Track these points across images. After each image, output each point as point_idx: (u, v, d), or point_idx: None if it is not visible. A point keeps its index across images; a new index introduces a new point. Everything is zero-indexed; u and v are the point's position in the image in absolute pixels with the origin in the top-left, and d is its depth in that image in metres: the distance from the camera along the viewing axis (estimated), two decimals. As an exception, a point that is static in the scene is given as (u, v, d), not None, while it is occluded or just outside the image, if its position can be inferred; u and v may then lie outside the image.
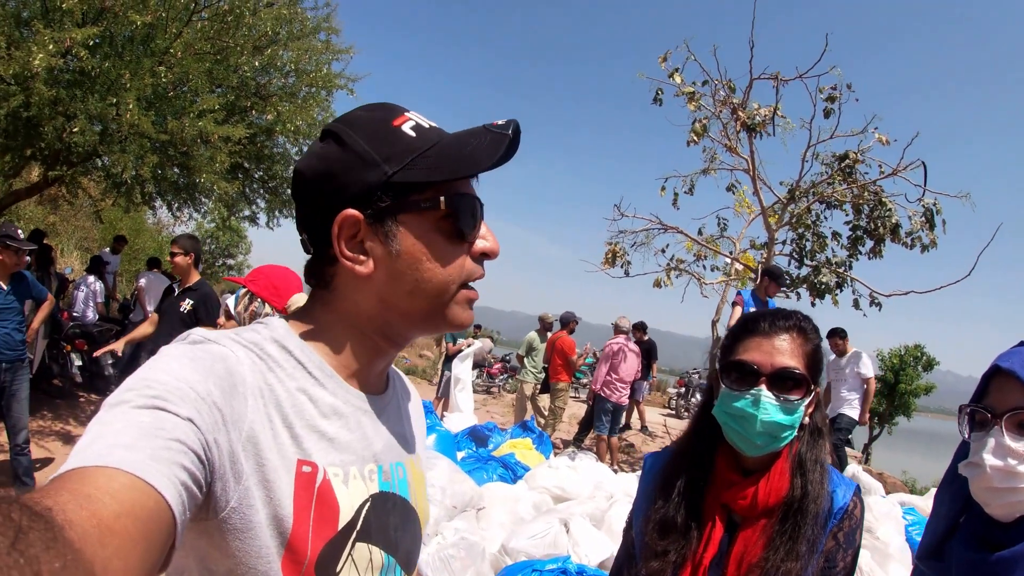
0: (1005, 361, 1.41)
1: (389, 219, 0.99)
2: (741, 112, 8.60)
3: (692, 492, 1.64)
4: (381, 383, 1.16)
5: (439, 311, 1.03)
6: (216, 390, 0.84)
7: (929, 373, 19.43)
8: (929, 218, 8.52)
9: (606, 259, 11.27)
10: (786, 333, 1.58)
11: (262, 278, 3.00)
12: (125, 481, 0.67)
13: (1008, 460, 1.33)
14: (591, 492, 6.17)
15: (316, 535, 0.93)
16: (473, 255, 1.04)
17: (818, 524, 1.54)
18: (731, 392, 1.57)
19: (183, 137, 7.12)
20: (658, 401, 22.96)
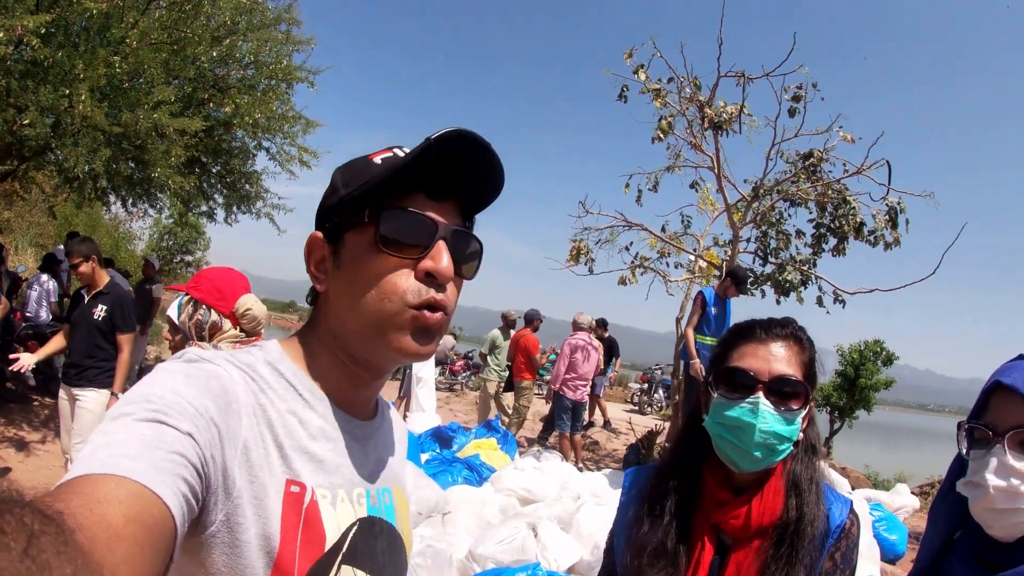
0: (1007, 377, 1.36)
1: (339, 238, 1.05)
2: (708, 110, 8.59)
3: (680, 513, 1.56)
4: (369, 409, 1.17)
5: (379, 331, 1.00)
6: (213, 406, 0.86)
7: (888, 368, 19.78)
8: (893, 217, 8.59)
9: (571, 256, 11.22)
10: (783, 340, 1.51)
11: (205, 283, 2.83)
12: (132, 489, 0.69)
13: (1012, 480, 1.29)
14: (558, 493, 6.18)
15: (303, 556, 0.94)
16: (418, 274, 1.00)
17: (815, 547, 1.47)
18: (726, 401, 1.49)
19: (137, 130, 6.93)
20: (620, 396, 23.12)
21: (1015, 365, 1.39)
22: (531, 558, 4.30)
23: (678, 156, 10.19)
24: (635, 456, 10.01)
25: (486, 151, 1.01)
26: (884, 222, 8.68)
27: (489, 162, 1.04)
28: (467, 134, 0.98)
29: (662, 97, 8.98)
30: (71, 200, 10.01)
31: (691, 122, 9.19)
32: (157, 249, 33.81)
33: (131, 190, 9.29)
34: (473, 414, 13.27)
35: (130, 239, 27.15)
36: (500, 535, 4.54)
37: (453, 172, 1.02)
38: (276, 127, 9.49)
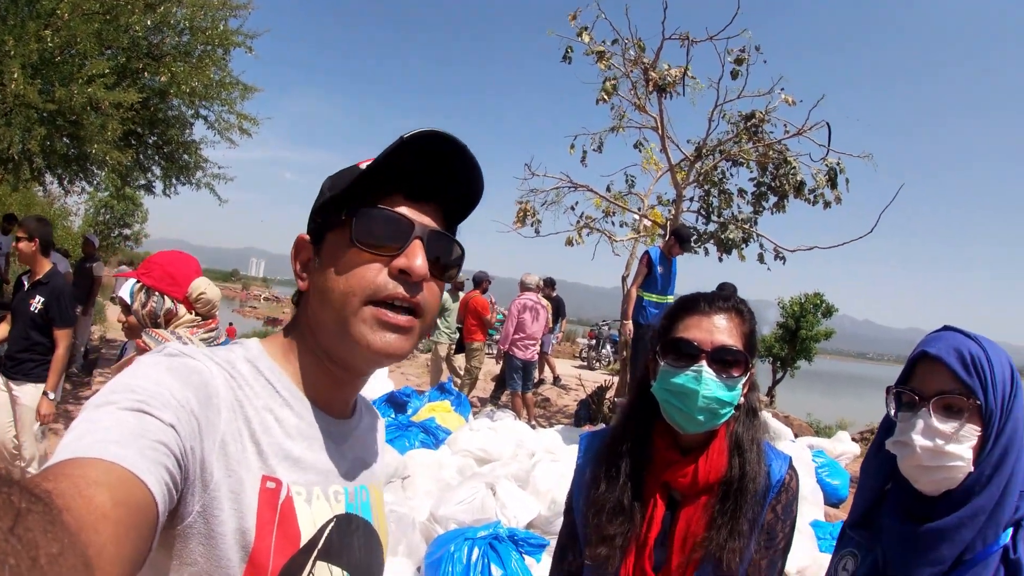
0: (931, 347, 1.50)
1: (321, 238, 1.07)
2: (652, 72, 8.66)
3: (633, 474, 1.67)
4: (347, 408, 1.18)
5: (345, 327, 1.00)
6: (194, 399, 0.88)
7: (828, 319, 20.38)
8: (832, 177, 8.84)
9: (517, 218, 11.27)
10: (724, 313, 1.63)
11: (156, 268, 2.75)
12: (120, 474, 0.70)
13: (936, 440, 1.42)
14: (513, 452, 6.30)
15: (278, 551, 0.95)
16: (391, 271, 1.02)
17: (757, 502, 1.61)
18: (672, 369, 1.60)
19: (72, 106, 6.70)
20: (569, 352, 23.35)
21: (939, 336, 1.53)
22: (491, 517, 4.41)
23: (622, 117, 10.24)
24: (585, 411, 10.20)
25: (460, 152, 1.03)
26: (824, 181, 8.93)
27: (465, 163, 1.05)
28: (440, 134, 1.00)
29: (606, 59, 9.02)
30: (6, 182, 9.63)
31: (635, 84, 9.25)
32: (94, 224, 32.73)
33: (67, 168, 8.99)
34: (425, 377, 13.33)
35: (65, 215, 26.23)
36: (459, 496, 4.64)
37: (430, 173, 1.04)
38: (213, 94, 9.22)
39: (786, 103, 8.87)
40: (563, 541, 1.83)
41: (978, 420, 1.42)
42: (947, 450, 1.41)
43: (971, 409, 1.42)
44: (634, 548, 1.62)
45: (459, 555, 3.74)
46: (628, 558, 1.62)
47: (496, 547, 3.80)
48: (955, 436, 1.41)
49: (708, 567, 1.56)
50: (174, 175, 10.46)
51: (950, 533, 1.41)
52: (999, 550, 1.40)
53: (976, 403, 1.41)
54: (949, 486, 1.44)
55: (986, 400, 1.41)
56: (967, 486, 1.43)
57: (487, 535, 3.87)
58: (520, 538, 3.95)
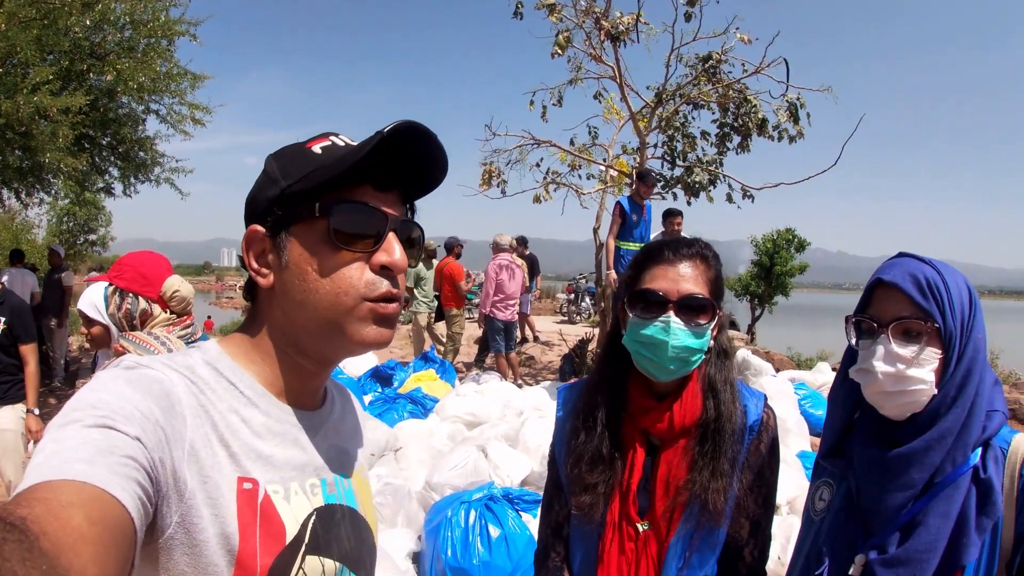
0: (887, 274, 1.51)
1: (283, 232, 1.02)
2: (604, 22, 8.59)
3: (611, 423, 1.70)
4: (316, 399, 1.16)
5: (338, 328, 1.01)
6: (157, 410, 0.86)
7: (802, 253, 20.59)
8: (793, 112, 8.87)
9: (483, 180, 11.22)
10: (689, 260, 1.63)
11: (128, 270, 2.72)
12: (92, 493, 0.69)
13: (897, 365, 1.44)
14: (501, 413, 6.38)
15: (264, 551, 0.95)
16: (373, 267, 1.01)
17: (735, 440, 1.65)
18: (640, 320, 1.61)
19: (20, 117, 6.53)
20: (549, 308, 23.43)
21: (894, 263, 1.54)
22: (485, 478, 4.47)
23: (579, 69, 10.17)
24: (570, 366, 10.31)
25: (431, 142, 1.03)
26: (786, 117, 8.96)
27: (433, 152, 1.05)
28: (418, 127, 0.99)
29: (557, 12, 8.91)
30: (-40, 201, 9.40)
31: (589, 34, 9.17)
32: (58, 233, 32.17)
33: (23, 181, 8.80)
34: (408, 348, 13.35)
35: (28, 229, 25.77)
36: (452, 462, 4.70)
37: (400, 163, 1.03)
38: (162, 87, 9.04)
39: (742, 42, 8.84)
40: (549, 492, 1.86)
41: (938, 343, 1.44)
42: (908, 374, 1.43)
43: (930, 333, 1.44)
44: (617, 494, 1.66)
45: (456, 519, 3.80)
46: (613, 504, 1.65)
47: (492, 507, 3.86)
48: (915, 360, 1.43)
49: (694, 508, 1.60)
50: (132, 174, 10.26)
51: (918, 456, 1.44)
52: (968, 471, 1.43)
53: (935, 326, 1.43)
54: (914, 410, 1.47)
55: (944, 323, 1.43)
56: (932, 409, 1.45)
57: (482, 497, 3.93)
58: (515, 496, 4.01)
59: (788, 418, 6.11)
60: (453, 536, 3.74)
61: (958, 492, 1.42)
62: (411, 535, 4.09)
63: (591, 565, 1.69)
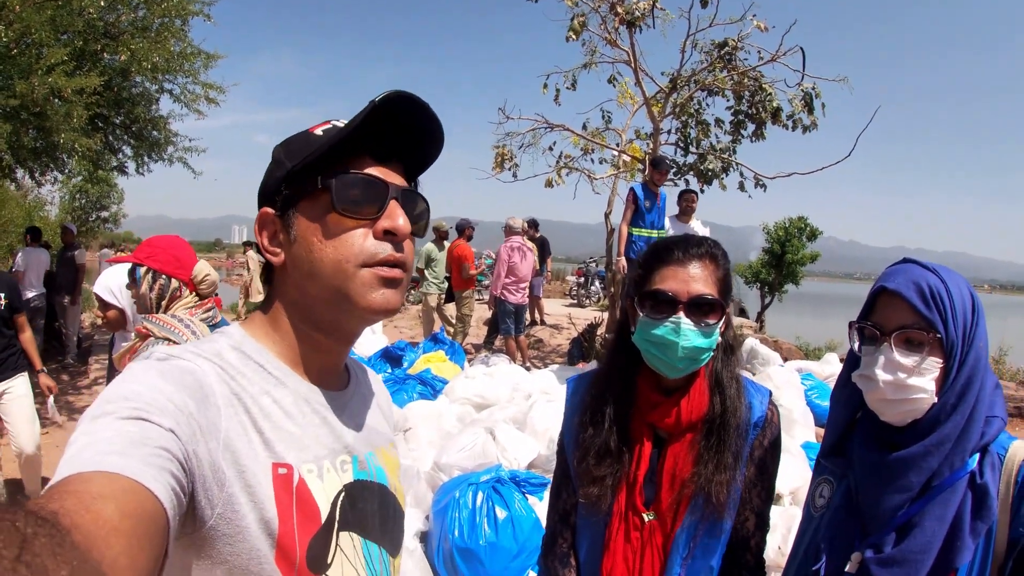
0: (891, 281, 1.52)
1: (290, 210, 1.05)
2: (620, 8, 8.55)
3: (619, 417, 1.73)
4: (340, 378, 1.19)
5: (344, 295, 1.02)
6: (191, 402, 0.87)
7: (814, 242, 20.48)
8: (808, 102, 8.81)
9: (496, 163, 11.23)
10: (698, 261, 1.65)
11: (161, 252, 2.77)
12: (125, 485, 0.70)
13: (898, 374, 1.46)
14: (510, 395, 6.40)
15: (302, 532, 0.97)
16: (376, 234, 1.03)
17: (740, 435, 1.69)
18: (651, 320, 1.63)
19: (34, 98, 6.54)
20: (558, 291, 23.42)
21: (898, 269, 1.55)
22: (492, 461, 4.50)
23: (594, 53, 10.14)
24: (578, 350, 10.34)
25: (423, 111, 1.05)
26: (801, 107, 8.91)
27: (427, 122, 1.07)
28: (409, 96, 1.01)
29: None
30: (-25, 181, 9.42)
31: (604, 18, 9.12)
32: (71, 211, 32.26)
33: (37, 160, 8.81)
34: (418, 329, 13.41)
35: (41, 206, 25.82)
36: (461, 443, 4.73)
37: (394, 134, 1.05)
38: (176, 67, 9.03)
39: (759, 29, 8.79)
40: (557, 481, 1.90)
41: (940, 352, 1.45)
42: (909, 383, 1.45)
43: (932, 342, 1.45)
44: (624, 486, 1.70)
45: (464, 500, 3.85)
46: (619, 495, 1.70)
47: (499, 489, 3.91)
48: (916, 369, 1.44)
49: (699, 501, 1.64)
50: (145, 153, 10.28)
51: (916, 461, 1.46)
52: (966, 476, 1.45)
53: (937, 336, 1.44)
54: (914, 416, 1.48)
55: (946, 332, 1.44)
56: (932, 415, 1.46)
57: (489, 479, 3.98)
58: (522, 479, 4.05)
59: (794, 408, 6.13)
60: (460, 517, 3.79)
61: (954, 496, 1.44)
62: (419, 515, 4.14)
63: (597, 553, 1.73)
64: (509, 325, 10.16)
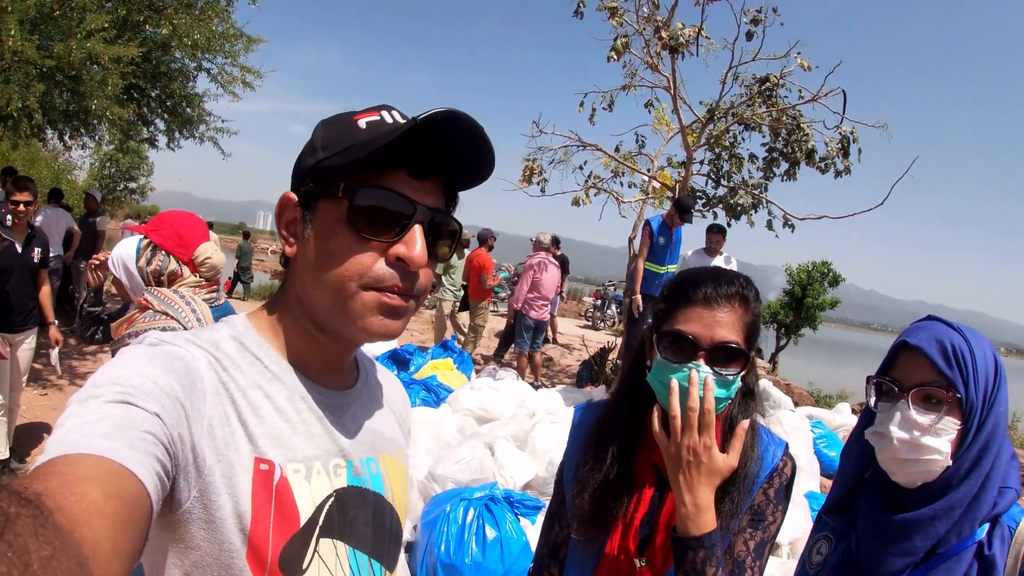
0: (913, 337, 1.46)
1: (312, 204, 1.00)
2: (664, 32, 8.50)
3: (624, 454, 1.64)
4: (347, 378, 1.15)
5: (342, 310, 0.97)
6: (178, 386, 0.87)
7: (835, 288, 20.38)
8: (845, 146, 8.73)
9: (523, 176, 11.21)
10: (727, 303, 1.50)
11: (166, 227, 2.72)
12: (110, 467, 0.70)
13: (914, 433, 1.40)
14: (513, 412, 6.32)
15: (277, 533, 0.94)
16: (388, 259, 0.97)
17: (745, 486, 1.56)
18: (667, 363, 1.51)
19: (71, 61, 6.58)
20: (573, 311, 23.41)
21: (921, 326, 1.50)
22: (489, 477, 4.45)
23: (634, 75, 10.11)
24: (588, 373, 10.26)
25: (476, 133, 0.98)
26: (836, 150, 8.82)
27: (478, 145, 1.00)
28: (460, 116, 0.94)
29: (619, 16, 8.84)
30: (6, 138, 9.51)
31: (648, 42, 9.08)
32: (100, 178, 32.66)
33: (68, 123, 8.85)
34: (428, 333, 13.39)
35: (70, 170, 26.16)
36: (458, 455, 4.67)
37: (438, 151, 0.99)
38: (216, 46, 9.08)
39: (802, 68, 8.71)
40: (552, 511, 1.81)
41: (958, 413, 1.40)
42: (924, 443, 1.39)
43: (951, 402, 1.40)
44: (620, 526, 1.60)
45: (455, 515, 3.78)
46: (613, 536, 1.60)
47: (491, 508, 3.84)
48: (933, 429, 1.39)
49: None
50: (177, 128, 10.33)
51: (924, 525, 1.41)
52: (973, 546, 1.40)
53: (956, 396, 1.39)
54: (926, 479, 1.43)
55: (967, 393, 1.39)
56: (944, 479, 1.41)
57: (483, 496, 3.92)
58: (516, 500, 3.98)
59: (801, 456, 6.01)
60: (449, 532, 3.73)
61: (959, 566, 1.39)
62: (407, 524, 4.06)
63: None
64: (525, 340, 10.16)
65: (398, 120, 1.00)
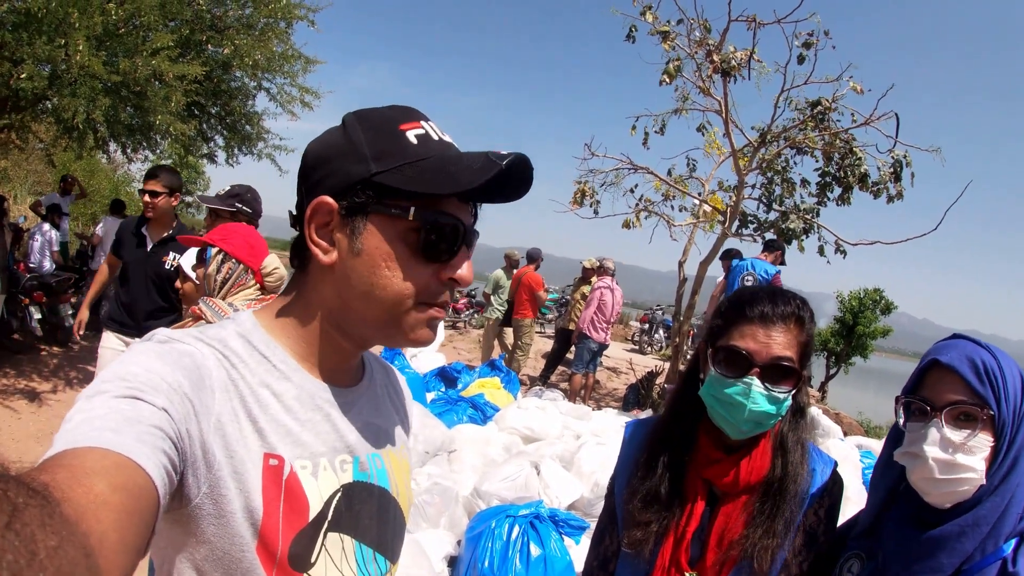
0: (943, 356, 1.44)
1: (360, 216, 1.00)
2: (716, 56, 8.49)
3: (675, 467, 1.66)
4: (353, 375, 1.17)
5: (394, 323, 1.02)
6: (186, 381, 0.88)
7: (887, 316, 19.96)
8: (897, 170, 8.59)
9: (575, 199, 11.26)
10: (783, 322, 1.54)
11: (235, 237, 2.78)
12: (117, 460, 0.71)
13: (949, 451, 1.38)
14: (559, 432, 6.31)
15: (286, 526, 0.97)
16: (441, 278, 1.02)
17: (796, 503, 1.59)
18: (721, 378, 1.55)
19: (136, 77, 6.76)
20: (621, 335, 23.27)
21: (951, 344, 1.47)
22: (534, 495, 4.43)
23: (685, 99, 10.10)
24: (635, 396, 10.22)
25: (527, 171, 1.02)
26: (888, 175, 8.68)
27: (525, 181, 1.05)
28: (525, 160, 0.99)
29: (671, 39, 8.85)
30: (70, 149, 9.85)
31: (700, 65, 9.08)
32: (158, 190, 33.52)
33: (131, 137, 9.03)
34: (477, 352, 13.44)
35: (128, 182, 26.88)
36: (504, 473, 4.67)
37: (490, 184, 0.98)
38: (276, 67, 9.27)
39: (854, 91, 8.60)
40: (602, 524, 1.83)
41: (990, 431, 1.39)
42: (960, 462, 1.37)
43: (984, 420, 1.38)
44: (672, 539, 1.62)
45: (500, 531, 3.78)
46: (664, 548, 1.62)
47: (536, 526, 3.82)
48: (967, 447, 1.37)
49: (744, 566, 1.55)
50: (236, 145, 10.52)
51: (951, 541, 1.38)
52: (997, 563, 1.37)
53: (989, 413, 1.38)
54: (960, 499, 1.40)
55: (999, 410, 1.37)
56: (976, 496, 1.39)
57: (528, 514, 3.90)
58: (561, 519, 3.97)
59: (849, 486, 5.81)
60: (493, 547, 3.72)
61: None
62: (451, 538, 4.09)
63: None
64: (584, 362, 10.19)
65: (441, 136, 1.04)
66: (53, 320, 9.35)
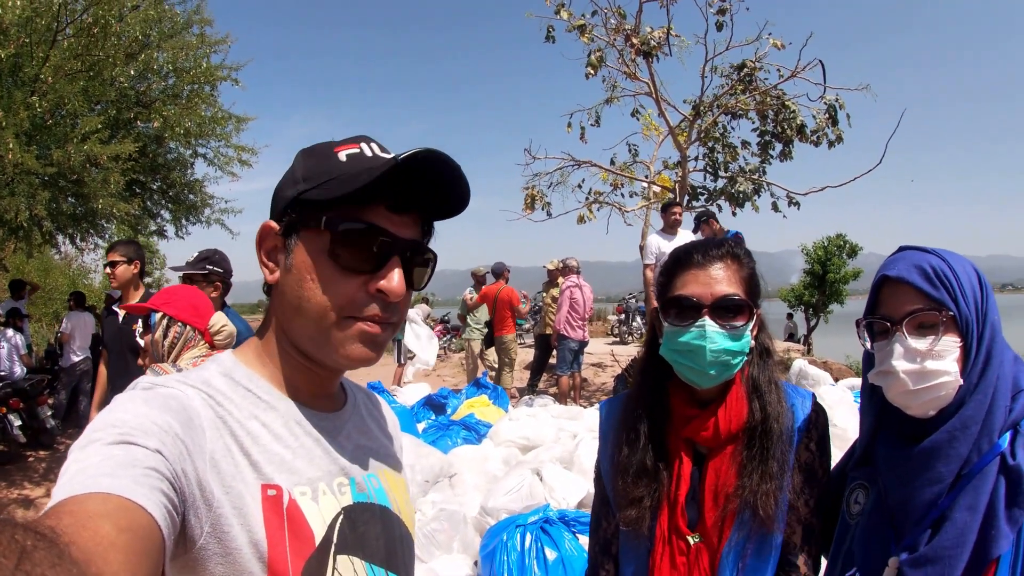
0: (892, 269, 1.46)
1: (293, 234, 1.04)
2: (635, 39, 8.59)
3: (655, 435, 1.66)
4: (335, 399, 1.18)
5: (323, 338, 1.02)
6: (176, 423, 0.88)
7: (854, 259, 20.18)
8: (832, 114, 8.75)
9: (526, 204, 11.32)
10: (720, 261, 1.58)
11: (178, 300, 2.77)
12: (119, 503, 0.71)
13: (917, 360, 1.38)
14: (555, 435, 6.30)
15: (295, 555, 0.95)
16: (369, 291, 1.01)
17: (784, 441, 1.59)
18: (675, 328, 1.57)
19: (71, 165, 6.74)
20: (600, 330, 23.29)
21: (898, 256, 1.48)
22: (540, 501, 4.40)
23: (614, 87, 10.22)
24: (623, 385, 10.22)
25: (452, 170, 1.02)
26: (825, 121, 8.84)
27: (455, 181, 1.04)
28: (436, 155, 0.98)
29: (588, 32, 8.95)
30: (20, 249, 9.70)
31: (621, 52, 9.17)
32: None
33: (76, 226, 9.02)
34: (461, 377, 13.37)
35: (85, 274, 26.53)
36: (507, 486, 4.64)
37: (417, 187, 1.02)
38: (208, 131, 9.29)
39: (776, 48, 8.77)
40: (596, 510, 1.82)
41: (955, 332, 1.39)
42: (930, 368, 1.37)
43: (945, 322, 1.38)
44: (666, 507, 1.61)
45: (512, 543, 3.75)
46: (661, 518, 1.61)
47: (548, 530, 3.81)
48: (934, 352, 1.37)
49: (745, 516, 1.55)
50: (183, 216, 10.48)
51: (943, 449, 1.37)
52: (996, 458, 1.36)
53: (949, 314, 1.38)
54: (942, 404, 1.40)
55: (959, 309, 1.38)
56: (957, 399, 1.39)
57: (537, 520, 3.88)
58: (571, 518, 3.95)
59: (848, 428, 5.88)
60: (509, 560, 3.70)
61: (985, 482, 1.34)
62: (467, 561, 4.06)
63: None
64: (568, 362, 10.20)
65: (377, 153, 1.05)
66: (34, 424, 9.22)
